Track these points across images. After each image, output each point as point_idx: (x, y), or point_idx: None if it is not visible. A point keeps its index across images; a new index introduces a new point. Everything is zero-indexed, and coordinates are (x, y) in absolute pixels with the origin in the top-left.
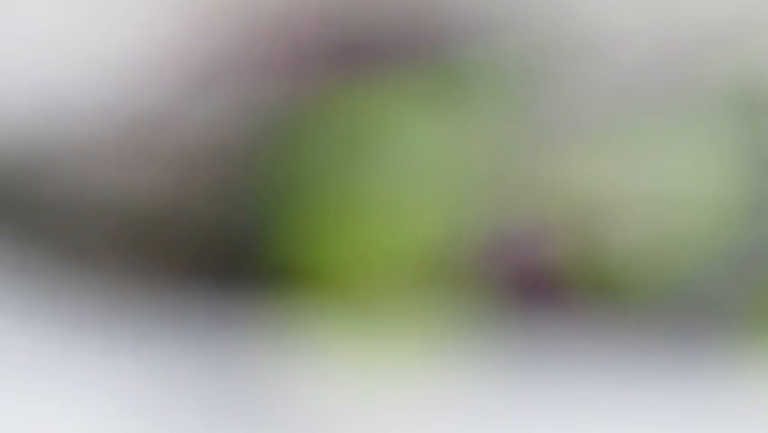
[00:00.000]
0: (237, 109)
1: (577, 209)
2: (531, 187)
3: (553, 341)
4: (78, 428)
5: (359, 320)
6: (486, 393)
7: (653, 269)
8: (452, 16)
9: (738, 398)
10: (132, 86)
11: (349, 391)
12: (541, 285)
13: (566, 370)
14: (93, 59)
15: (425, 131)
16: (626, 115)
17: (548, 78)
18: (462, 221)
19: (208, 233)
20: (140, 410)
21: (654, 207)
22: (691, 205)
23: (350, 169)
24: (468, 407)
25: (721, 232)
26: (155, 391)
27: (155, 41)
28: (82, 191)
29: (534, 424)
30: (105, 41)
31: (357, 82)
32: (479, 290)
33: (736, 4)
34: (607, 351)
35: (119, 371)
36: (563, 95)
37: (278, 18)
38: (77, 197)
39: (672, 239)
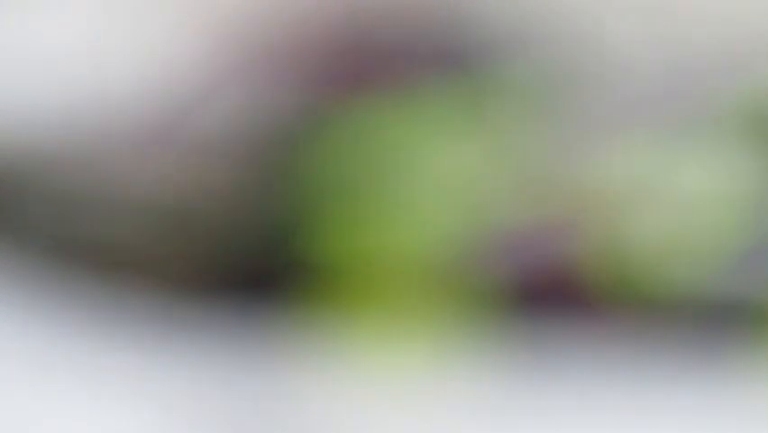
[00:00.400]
0: (259, 112)
1: (594, 210)
2: (549, 189)
3: (569, 341)
4: None
5: (375, 323)
6: (500, 396)
7: (669, 268)
8: (477, 32)
9: (756, 398)
10: (154, 86)
11: (362, 393)
12: (557, 285)
13: (581, 371)
14: (115, 59)
15: (443, 137)
16: (644, 122)
17: (569, 90)
18: (480, 223)
19: (228, 235)
20: (165, 417)
21: (670, 208)
22: (708, 206)
23: (368, 173)
24: (482, 410)
25: (737, 232)
26: (178, 393)
27: (177, 40)
28: (102, 192)
29: (549, 426)
30: (127, 42)
31: (380, 90)
32: (495, 291)
33: (749, 21)
34: (623, 350)
35: (143, 377)
36: (583, 104)
37: (305, 22)
38: (98, 196)
39: (687, 239)
